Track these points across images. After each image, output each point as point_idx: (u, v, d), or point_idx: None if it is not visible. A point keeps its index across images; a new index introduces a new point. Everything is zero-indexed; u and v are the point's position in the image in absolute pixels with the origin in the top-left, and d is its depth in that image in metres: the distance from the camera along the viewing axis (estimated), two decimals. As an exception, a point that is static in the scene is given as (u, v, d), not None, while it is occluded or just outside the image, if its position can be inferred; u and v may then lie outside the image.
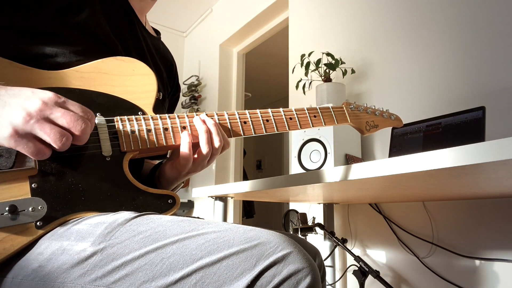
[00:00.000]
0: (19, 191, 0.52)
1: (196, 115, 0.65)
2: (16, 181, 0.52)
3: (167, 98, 0.86)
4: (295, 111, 0.73)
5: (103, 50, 0.65)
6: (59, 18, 0.62)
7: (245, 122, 0.68)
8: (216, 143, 0.64)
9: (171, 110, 0.91)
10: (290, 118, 0.72)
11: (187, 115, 0.65)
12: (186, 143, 0.62)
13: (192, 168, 0.66)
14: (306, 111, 0.74)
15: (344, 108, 0.79)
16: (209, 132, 0.64)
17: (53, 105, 0.49)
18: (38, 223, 0.52)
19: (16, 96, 0.48)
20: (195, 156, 0.65)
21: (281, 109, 0.72)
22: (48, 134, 0.47)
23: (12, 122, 0.46)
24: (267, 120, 0.70)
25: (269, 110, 0.71)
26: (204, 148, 0.63)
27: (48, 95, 0.49)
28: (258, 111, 0.70)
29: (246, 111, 0.69)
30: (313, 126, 0.74)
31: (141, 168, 0.78)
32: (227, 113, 0.68)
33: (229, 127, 0.67)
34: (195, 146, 0.64)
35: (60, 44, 0.61)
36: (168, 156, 0.75)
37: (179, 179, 0.72)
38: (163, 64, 0.84)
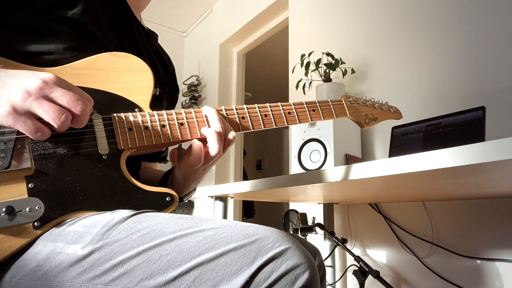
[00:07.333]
0: (16, 191, 0.51)
1: (194, 111, 0.64)
2: (12, 182, 0.51)
3: (165, 99, 0.85)
4: (294, 105, 0.72)
5: (98, 46, 0.64)
6: (51, 13, 0.61)
7: (243, 118, 0.68)
8: (230, 135, 0.63)
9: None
10: (289, 113, 0.71)
11: (184, 111, 0.64)
12: (198, 146, 0.61)
13: (203, 166, 0.65)
14: (305, 105, 0.73)
15: (343, 101, 0.79)
16: (219, 133, 0.62)
17: (54, 84, 0.49)
18: (35, 224, 0.51)
19: (16, 76, 0.48)
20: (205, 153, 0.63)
21: (279, 104, 0.71)
22: (46, 112, 0.47)
23: (10, 99, 0.46)
24: (266, 115, 0.69)
25: (268, 104, 0.70)
26: (214, 149, 0.62)
27: (49, 75, 0.49)
28: (256, 106, 0.69)
29: (244, 106, 0.68)
30: (311, 120, 0.74)
31: (138, 166, 0.77)
32: (225, 108, 0.67)
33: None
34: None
35: (54, 41, 0.60)
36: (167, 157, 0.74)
37: (189, 178, 0.69)
38: (160, 63, 0.83)
